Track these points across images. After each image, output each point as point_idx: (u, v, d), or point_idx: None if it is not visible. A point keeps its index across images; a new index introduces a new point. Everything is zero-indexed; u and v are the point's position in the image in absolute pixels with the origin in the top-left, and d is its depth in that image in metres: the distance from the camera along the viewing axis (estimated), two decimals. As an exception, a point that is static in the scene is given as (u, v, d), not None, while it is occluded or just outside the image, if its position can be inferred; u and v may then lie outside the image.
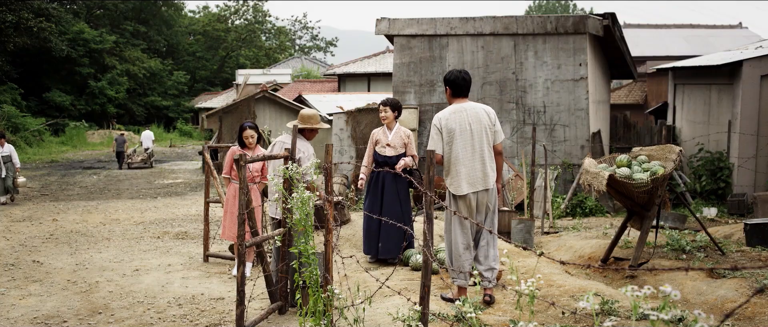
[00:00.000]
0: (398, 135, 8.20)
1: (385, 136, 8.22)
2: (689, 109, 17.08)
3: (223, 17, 66.92)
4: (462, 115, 6.20)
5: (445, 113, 6.24)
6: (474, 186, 6.13)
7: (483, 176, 6.17)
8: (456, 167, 6.14)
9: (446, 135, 6.16)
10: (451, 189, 6.18)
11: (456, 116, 6.20)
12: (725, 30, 35.09)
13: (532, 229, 10.41)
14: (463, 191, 6.10)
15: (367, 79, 32.54)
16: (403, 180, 8.03)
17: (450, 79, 6.34)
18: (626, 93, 29.75)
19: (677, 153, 7.87)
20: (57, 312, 6.53)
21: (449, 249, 6.28)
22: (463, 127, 6.16)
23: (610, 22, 15.23)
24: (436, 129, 6.20)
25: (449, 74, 6.37)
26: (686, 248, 8.18)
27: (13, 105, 34.75)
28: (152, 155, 28.73)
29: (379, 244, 8.06)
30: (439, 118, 6.21)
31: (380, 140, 8.23)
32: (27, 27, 35.74)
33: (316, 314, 4.94)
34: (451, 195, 6.22)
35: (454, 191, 6.15)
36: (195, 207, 14.76)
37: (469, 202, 6.15)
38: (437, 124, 6.20)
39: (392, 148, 8.15)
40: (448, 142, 6.16)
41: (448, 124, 6.16)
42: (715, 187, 15.18)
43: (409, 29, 16.25)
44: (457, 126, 6.16)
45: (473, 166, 6.13)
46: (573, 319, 5.69)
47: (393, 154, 8.15)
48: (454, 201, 6.21)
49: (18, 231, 11.52)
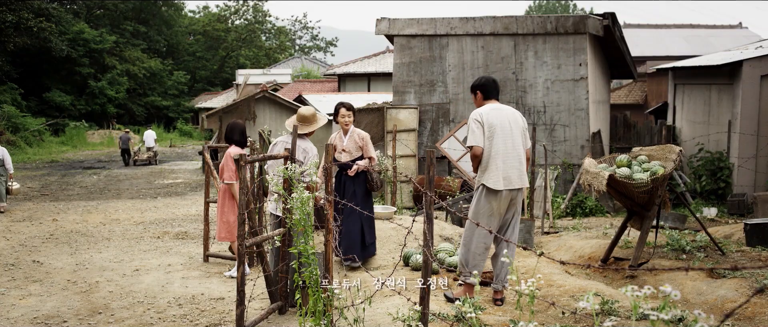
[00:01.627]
0: (352, 139, 7.98)
1: (340, 141, 7.99)
2: (689, 109, 17.08)
3: (223, 17, 66.92)
4: (501, 113, 6.19)
5: (485, 109, 6.20)
6: (510, 183, 6.09)
7: (519, 175, 6.17)
8: (495, 162, 6.08)
9: (487, 130, 6.10)
10: (488, 184, 6.07)
11: (496, 113, 6.17)
12: (725, 30, 35.09)
13: (532, 229, 10.41)
14: (501, 186, 6.04)
15: (367, 79, 32.53)
16: (361, 183, 7.91)
17: (479, 84, 6.40)
18: (626, 93, 29.75)
19: (677, 153, 7.88)
20: (57, 312, 6.53)
21: (468, 245, 6.19)
22: (503, 124, 6.14)
23: (610, 22, 15.23)
24: (478, 123, 6.12)
25: (477, 80, 6.43)
26: (686, 248, 8.18)
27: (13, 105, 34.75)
28: (156, 153, 29.66)
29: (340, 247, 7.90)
30: (480, 113, 6.16)
31: (336, 146, 7.95)
32: (27, 27, 35.74)
33: (316, 314, 4.94)
34: (484, 190, 6.14)
35: (492, 186, 6.06)
36: (195, 207, 14.76)
37: (502, 199, 6.10)
38: (479, 118, 6.13)
39: (347, 153, 7.94)
40: (489, 137, 6.10)
41: (489, 119, 6.11)
42: (715, 187, 15.18)
43: (409, 29, 16.25)
44: (498, 122, 6.13)
45: (511, 164, 6.10)
46: (573, 319, 5.69)
47: (348, 160, 7.93)
48: (486, 197, 6.14)
49: (18, 231, 11.52)
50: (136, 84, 49.79)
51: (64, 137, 38.00)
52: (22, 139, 32.09)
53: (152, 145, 29.55)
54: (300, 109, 7.22)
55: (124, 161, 28.34)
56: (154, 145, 29.82)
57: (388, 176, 13.00)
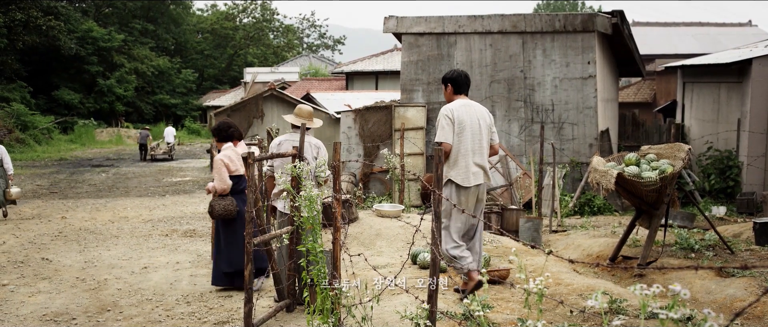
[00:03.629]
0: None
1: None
2: (698, 108, 17.01)
3: (231, 15, 67.01)
4: (471, 110, 6.28)
5: (455, 105, 6.27)
6: (477, 179, 6.22)
7: (485, 171, 6.32)
8: (465, 159, 6.17)
9: (457, 126, 6.18)
10: (457, 180, 6.17)
11: (465, 110, 6.25)
12: (735, 28, 34.92)
13: (540, 228, 10.40)
14: (468, 183, 6.14)
15: (375, 77, 32.51)
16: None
17: (451, 78, 6.45)
18: (635, 91, 29.65)
19: (686, 151, 7.85)
20: (66, 309, 6.56)
21: (447, 241, 6.23)
22: (472, 121, 6.23)
23: (618, 20, 15.18)
24: (448, 119, 6.19)
25: (450, 73, 6.48)
26: (695, 247, 8.15)
27: (23, 103, 34.86)
28: (173, 149, 31.55)
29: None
30: (451, 109, 6.22)
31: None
32: (36, 25, 35.85)
33: (323, 312, 4.95)
34: (455, 187, 6.22)
35: (460, 182, 6.16)
36: (203, 205, 14.79)
37: (470, 194, 6.21)
38: (449, 114, 6.20)
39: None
40: (458, 134, 6.18)
41: (460, 116, 6.19)
42: (724, 185, 15.12)
43: (417, 27, 16.24)
44: (467, 119, 6.21)
45: (478, 161, 6.22)
46: (581, 317, 5.68)
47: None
48: (456, 193, 6.23)
49: (27, 229, 11.57)
50: (144, 82, 49.88)
51: (72, 135, 38.12)
52: (31, 137, 32.21)
53: (172, 141, 31.73)
54: (301, 106, 7.12)
55: (141, 156, 30.02)
56: (173, 141, 31.91)
57: (396, 174, 13.00)
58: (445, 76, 6.51)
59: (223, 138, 7.32)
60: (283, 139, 6.85)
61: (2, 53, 35.20)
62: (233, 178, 7.03)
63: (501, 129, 15.71)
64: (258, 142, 8.92)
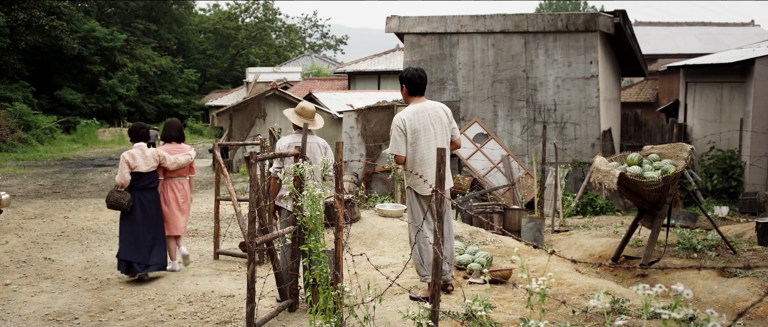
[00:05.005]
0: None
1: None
2: (701, 107, 17.00)
3: (233, 15, 67.01)
4: (424, 115, 6.22)
5: (407, 114, 6.23)
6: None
7: (447, 175, 6.32)
8: (422, 168, 6.19)
9: (410, 136, 6.17)
10: (415, 189, 6.25)
11: (418, 116, 6.21)
12: (737, 28, 34.88)
13: (543, 228, 10.40)
14: (428, 191, 6.13)
15: (377, 77, 32.52)
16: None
17: (406, 78, 6.34)
18: (637, 91, 29.63)
19: (688, 151, 7.84)
20: (68, 309, 6.57)
21: (419, 248, 6.27)
22: (426, 127, 6.19)
23: (621, 20, 15.18)
24: (400, 130, 6.17)
25: (406, 72, 6.36)
26: (697, 247, 8.15)
27: (25, 103, 34.87)
28: None
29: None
30: (402, 119, 6.19)
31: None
32: (38, 25, 35.88)
33: (326, 312, 4.95)
34: (414, 195, 6.29)
35: (420, 192, 6.22)
36: (205, 205, 14.79)
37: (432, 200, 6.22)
38: (401, 125, 6.17)
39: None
40: (412, 143, 6.18)
41: (412, 124, 6.17)
42: (726, 185, 15.10)
43: (420, 27, 16.24)
44: (421, 126, 6.18)
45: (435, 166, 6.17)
46: (584, 317, 5.67)
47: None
48: (417, 200, 6.29)
49: (30, 228, 11.58)
50: (146, 82, 49.88)
51: (75, 135, 38.13)
52: (34, 137, 32.22)
53: None
54: (303, 104, 7.04)
55: None
56: None
57: (398, 174, 13.00)
58: (400, 75, 6.42)
59: (135, 138, 7.85)
60: (291, 141, 6.75)
61: (5, 53, 35.23)
62: (134, 174, 7.56)
63: (503, 129, 15.71)
64: (260, 142, 8.91)
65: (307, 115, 6.84)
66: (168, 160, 7.88)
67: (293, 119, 6.84)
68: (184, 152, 8.20)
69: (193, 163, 8.36)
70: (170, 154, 7.99)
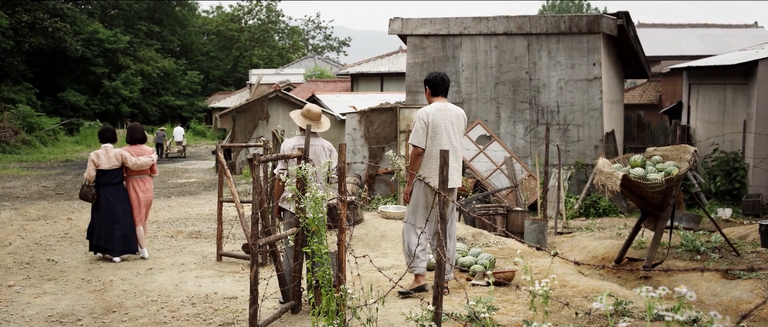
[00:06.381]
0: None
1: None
2: (704, 109, 16.98)
3: (236, 17, 67.08)
4: (446, 114, 6.51)
5: (432, 109, 6.52)
6: (451, 182, 6.40)
7: (457, 175, 6.58)
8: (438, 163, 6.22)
9: (431, 130, 6.44)
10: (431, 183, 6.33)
11: (441, 114, 6.49)
12: (740, 29, 34.84)
13: (546, 230, 10.39)
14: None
15: (380, 78, 32.55)
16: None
17: (429, 80, 6.74)
18: (640, 93, 29.60)
19: (692, 153, 7.83)
20: (71, 310, 6.57)
21: (410, 239, 6.56)
22: (446, 125, 6.47)
23: (623, 22, 15.17)
24: (423, 123, 6.45)
25: (429, 75, 6.77)
26: (701, 249, 8.14)
27: (29, 104, 34.95)
28: (185, 147, 34.15)
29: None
30: (427, 113, 6.48)
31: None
32: (42, 27, 35.98)
33: (328, 314, 4.95)
34: (423, 185, 6.43)
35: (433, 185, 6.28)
36: (208, 206, 14.80)
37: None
38: (424, 118, 6.46)
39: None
40: (432, 137, 6.44)
41: (435, 119, 6.45)
42: (729, 187, 15.08)
43: (422, 29, 16.24)
44: (442, 123, 6.45)
45: (451, 164, 6.37)
46: (587, 319, 5.67)
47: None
48: (424, 191, 6.47)
49: (33, 230, 11.60)
50: (149, 84, 49.98)
51: (78, 137, 38.20)
52: (37, 139, 32.28)
53: (181, 139, 33.80)
54: (309, 106, 7.02)
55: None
56: (183, 140, 33.83)
57: (401, 176, 12.99)
58: (425, 79, 6.79)
59: (103, 140, 9.05)
60: (296, 143, 6.71)
61: (8, 55, 35.33)
62: (98, 171, 8.79)
63: (506, 130, 15.70)
64: (263, 144, 8.91)
65: (313, 117, 6.82)
66: (130, 161, 8.92)
67: (298, 121, 6.82)
68: (146, 154, 9.18)
69: (155, 165, 9.35)
70: (133, 155, 9.01)
